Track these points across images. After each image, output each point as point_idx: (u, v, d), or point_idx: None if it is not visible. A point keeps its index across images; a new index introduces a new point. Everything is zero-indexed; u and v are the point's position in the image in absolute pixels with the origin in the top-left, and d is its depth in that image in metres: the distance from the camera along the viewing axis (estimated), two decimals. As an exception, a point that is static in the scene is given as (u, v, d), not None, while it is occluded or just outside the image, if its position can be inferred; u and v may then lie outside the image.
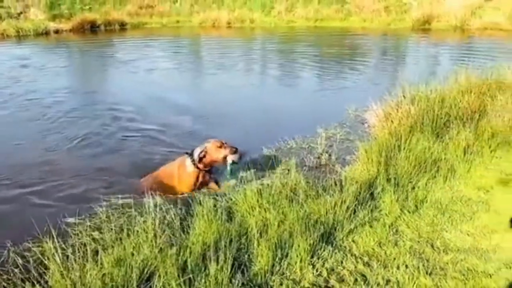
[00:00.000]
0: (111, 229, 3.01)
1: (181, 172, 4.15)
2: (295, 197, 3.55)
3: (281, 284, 2.69)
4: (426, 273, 2.82)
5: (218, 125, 6.23)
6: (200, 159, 4.06)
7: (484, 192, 3.95)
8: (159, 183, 4.16)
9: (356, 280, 2.77)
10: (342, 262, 2.95)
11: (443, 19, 18.54)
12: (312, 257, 2.93)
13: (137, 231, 2.94)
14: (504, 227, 3.37)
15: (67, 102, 7.82)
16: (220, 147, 4.07)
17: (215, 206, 3.26)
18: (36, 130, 6.23)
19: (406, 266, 2.89)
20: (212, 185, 4.29)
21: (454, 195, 3.89)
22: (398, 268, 2.88)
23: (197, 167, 4.09)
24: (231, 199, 3.56)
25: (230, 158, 4.07)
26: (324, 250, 3.02)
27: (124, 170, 4.77)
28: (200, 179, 4.17)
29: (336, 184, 3.79)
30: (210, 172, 4.28)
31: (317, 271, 2.84)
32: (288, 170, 4.24)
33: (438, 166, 4.26)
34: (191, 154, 4.12)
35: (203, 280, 2.51)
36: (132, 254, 2.70)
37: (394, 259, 2.99)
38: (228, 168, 4.10)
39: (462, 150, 4.52)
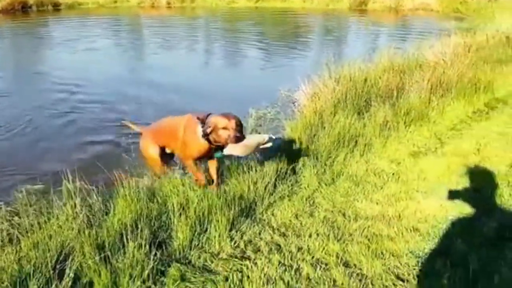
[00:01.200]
0: (31, 213, 3.02)
1: (188, 136, 3.41)
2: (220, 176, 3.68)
3: (199, 258, 2.83)
4: (335, 239, 3.06)
5: (154, 105, 6.25)
6: (206, 134, 3.27)
7: (396, 164, 4.27)
8: (162, 136, 3.75)
9: (271, 249, 2.95)
10: (259, 234, 3.13)
11: (378, 0, 19.20)
12: (230, 230, 3.08)
13: (57, 214, 2.96)
14: (409, 195, 3.68)
15: (2, 86, 7.51)
16: (225, 128, 3.19)
17: (137, 187, 3.31)
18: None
19: (318, 234, 3.11)
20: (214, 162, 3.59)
21: (369, 167, 4.18)
22: (310, 236, 3.09)
23: (208, 141, 3.32)
24: (155, 180, 3.63)
25: (226, 149, 3.43)
26: (243, 224, 3.18)
27: (55, 154, 4.71)
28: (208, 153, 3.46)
29: (260, 162, 3.96)
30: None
31: (235, 243, 3.00)
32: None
33: (356, 141, 4.54)
34: (203, 122, 3.30)
35: (120, 258, 2.60)
36: (50, 237, 2.73)
37: (308, 228, 3.20)
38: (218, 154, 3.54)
39: (379, 126, 4.83)
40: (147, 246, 2.69)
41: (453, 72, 6.33)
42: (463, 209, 3.41)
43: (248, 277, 2.64)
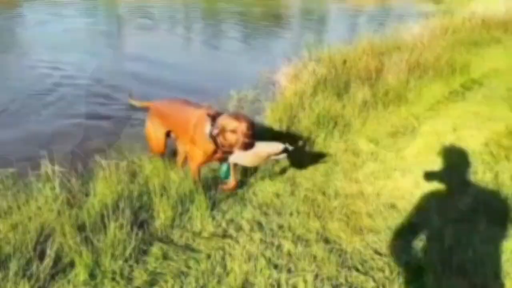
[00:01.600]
0: (9, 196, 2.97)
1: (197, 134, 3.09)
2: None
3: (181, 237, 2.85)
4: (315, 216, 3.11)
5: (132, 87, 6.15)
6: (212, 135, 2.95)
7: (375, 143, 4.34)
8: (172, 122, 3.40)
9: (252, 227, 2.99)
10: (241, 213, 3.15)
11: (358, -17, 19.19)
12: (212, 210, 3.10)
13: (35, 196, 2.93)
14: (387, 174, 3.76)
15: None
16: (233, 131, 2.85)
17: (117, 168, 3.29)
18: None
19: (298, 212, 3.16)
20: None
21: (348, 147, 4.24)
22: (291, 214, 3.14)
23: (215, 143, 2.99)
24: (134, 162, 3.60)
25: (232, 157, 3.04)
26: (225, 203, 3.21)
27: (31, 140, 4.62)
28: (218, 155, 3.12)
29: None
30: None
31: (217, 222, 3.02)
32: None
33: (336, 122, 4.58)
34: (213, 118, 2.98)
35: (101, 238, 2.60)
36: (30, 218, 2.70)
37: (289, 207, 3.24)
38: (223, 167, 3.27)
39: (358, 106, 4.88)
40: (129, 226, 2.69)
41: (430, 54, 6.42)
42: (439, 186, 3.49)
43: (230, 254, 2.67)
